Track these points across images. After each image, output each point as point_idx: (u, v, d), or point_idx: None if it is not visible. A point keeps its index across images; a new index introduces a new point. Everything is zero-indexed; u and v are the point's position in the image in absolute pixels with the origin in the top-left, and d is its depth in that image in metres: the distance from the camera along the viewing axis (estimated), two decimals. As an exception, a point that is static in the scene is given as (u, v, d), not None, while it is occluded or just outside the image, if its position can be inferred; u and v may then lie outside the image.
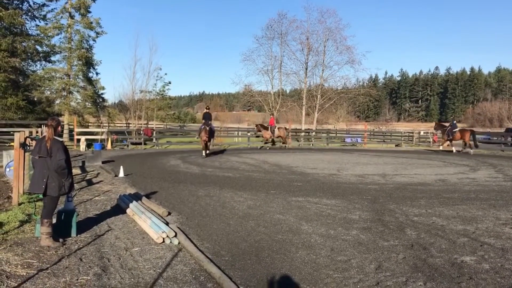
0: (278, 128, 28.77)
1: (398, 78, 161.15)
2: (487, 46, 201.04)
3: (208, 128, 19.70)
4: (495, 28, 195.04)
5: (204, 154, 20.14)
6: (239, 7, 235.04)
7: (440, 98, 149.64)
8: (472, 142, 25.95)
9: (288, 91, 52.91)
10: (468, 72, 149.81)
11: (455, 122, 28.10)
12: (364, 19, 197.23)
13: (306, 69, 40.14)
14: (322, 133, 38.78)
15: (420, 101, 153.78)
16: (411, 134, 44.01)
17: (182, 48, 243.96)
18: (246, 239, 6.11)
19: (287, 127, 32.45)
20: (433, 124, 35.16)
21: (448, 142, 27.43)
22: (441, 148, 28.80)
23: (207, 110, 21.23)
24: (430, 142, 37.69)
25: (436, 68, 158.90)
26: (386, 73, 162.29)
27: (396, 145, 36.04)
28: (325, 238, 6.19)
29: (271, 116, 30.96)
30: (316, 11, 43.88)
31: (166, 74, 60.26)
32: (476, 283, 4.42)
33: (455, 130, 26.79)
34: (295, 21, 39.91)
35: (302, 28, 39.99)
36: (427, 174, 14.34)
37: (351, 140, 38.76)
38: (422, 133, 48.19)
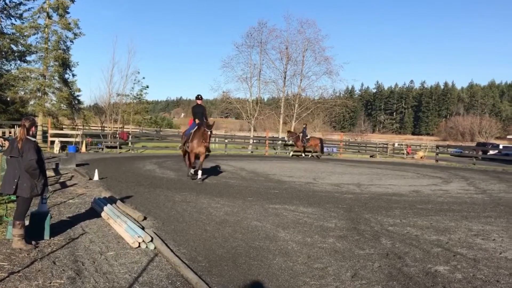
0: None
1: (374, 90, 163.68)
2: (460, 62, 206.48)
3: (208, 132, 12.76)
4: (468, 45, 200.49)
5: (192, 172, 13.76)
6: (219, 13, 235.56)
7: (414, 111, 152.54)
8: (319, 149, 29.75)
9: (266, 99, 53.08)
10: (442, 87, 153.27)
11: (305, 130, 30.40)
12: (342, 30, 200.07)
13: (285, 78, 40.38)
14: (299, 142, 38.92)
15: (394, 113, 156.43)
16: (385, 145, 44.73)
17: (161, 52, 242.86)
18: (223, 245, 6.08)
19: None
20: (408, 136, 36.04)
21: (302, 148, 30.17)
22: (291, 154, 31.63)
23: (200, 102, 14.11)
24: (404, 154, 38.31)
25: (411, 81, 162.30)
26: (362, 85, 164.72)
27: (371, 156, 36.50)
28: (302, 245, 6.21)
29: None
30: (296, 21, 44.14)
31: (144, 78, 59.84)
32: (449, 292, 4.51)
33: (308, 137, 29.63)
34: (275, 30, 40.12)
35: (282, 37, 40.25)
36: (401, 185, 14.56)
37: (327, 149, 39.08)
38: (396, 145, 49.03)
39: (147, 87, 45.31)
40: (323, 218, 8.22)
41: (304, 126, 31.95)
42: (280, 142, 35.78)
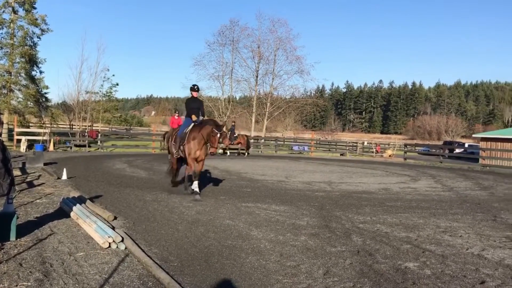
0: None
1: (344, 90, 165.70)
2: (428, 62, 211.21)
3: (218, 134, 9.64)
4: (435, 46, 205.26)
5: (192, 187, 10.18)
6: (191, 10, 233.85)
7: (383, 110, 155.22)
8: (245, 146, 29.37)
9: (238, 98, 53.07)
10: (410, 87, 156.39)
11: (234, 128, 30.48)
12: (313, 30, 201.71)
13: (257, 77, 40.55)
14: (271, 140, 39.16)
15: (364, 112, 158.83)
16: (355, 144, 45.38)
17: (131, 49, 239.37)
18: (196, 245, 6.04)
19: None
20: (376, 135, 36.60)
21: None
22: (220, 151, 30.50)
23: (196, 95, 11.03)
24: (373, 152, 38.93)
25: (380, 81, 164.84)
26: (332, 84, 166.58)
27: (341, 154, 36.97)
28: (274, 243, 6.23)
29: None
30: (267, 20, 44.54)
31: (113, 75, 58.84)
32: None
33: (235, 135, 29.39)
34: (246, 29, 40.29)
35: (254, 36, 40.44)
36: (371, 183, 14.80)
37: (299, 148, 39.38)
38: (365, 143, 49.80)
39: (117, 84, 44.77)
40: (295, 216, 8.27)
41: (232, 124, 31.61)
42: (252, 141, 35.81)
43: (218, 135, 9.62)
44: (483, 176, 19.48)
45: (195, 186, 10.01)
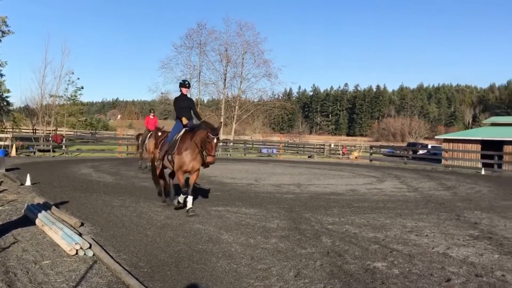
0: None
1: (311, 93, 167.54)
2: (391, 66, 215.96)
3: (215, 140, 8.19)
4: (399, 50, 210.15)
5: (178, 199, 9.09)
6: (157, 13, 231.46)
7: (349, 113, 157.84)
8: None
9: (206, 101, 52.88)
10: (374, 90, 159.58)
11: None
12: (280, 34, 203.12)
13: (225, 80, 40.52)
14: (240, 143, 39.17)
15: (330, 115, 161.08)
16: (322, 146, 45.90)
17: (96, 52, 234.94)
18: (165, 250, 5.97)
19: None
20: (343, 137, 37.09)
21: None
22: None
23: (186, 92, 9.48)
24: (340, 154, 39.49)
25: (346, 84, 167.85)
26: (299, 87, 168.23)
27: (309, 157, 37.31)
28: (245, 247, 6.22)
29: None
30: (235, 24, 44.52)
31: (78, 78, 57.46)
32: (388, 287, 4.69)
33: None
34: (214, 32, 40.20)
35: (221, 39, 40.40)
36: (338, 184, 15.00)
37: (267, 151, 39.54)
38: (332, 145, 50.46)
39: (82, 88, 43.80)
40: (266, 219, 8.29)
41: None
42: (221, 144, 35.71)
43: (215, 140, 8.17)
44: (446, 177, 20.04)
45: (188, 201, 8.47)
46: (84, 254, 5.52)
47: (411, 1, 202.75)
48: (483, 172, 23.48)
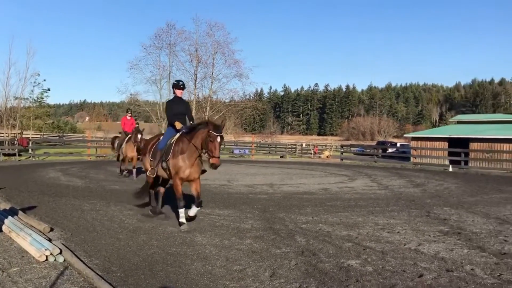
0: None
1: (282, 93, 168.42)
2: (360, 66, 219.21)
3: (218, 138, 7.17)
4: (367, 51, 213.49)
5: (183, 218, 7.60)
6: (125, 13, 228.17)
7: (319, 112, 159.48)
8: None
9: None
10: (344, 89, 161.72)
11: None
12: (251, 34, 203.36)
13: (195, 80, 40.19)
14: (211, 144, 38.92)
15: (301, 115, 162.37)
16: (294, 146, 46.19)
17: (63, 53, 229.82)
18: (138, 254, 5.87)
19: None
20: (314, 136, 37.37)
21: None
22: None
23: (181, 94, 8.36)
24: (311, 153, 39.81)
25: (316, 84, 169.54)
26: (270, 88, 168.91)
27: (281, 157, 37.47)
28: (220, 248, 6.18)
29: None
30: (204, 24, 44.04)
31: (45, 80, 56.03)
32: (362, 285, 4.73)
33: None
34: (183, 32, 39.76)
35: (191, 39, 40.01)
36: (311, 184, 15.10)
37: (239, 151, 39.50)
38: (304, 145, 50.84)
39: (49, 89, 42.63)
40: (239, 220, 8.27)
41: (137, 125, 26.11)
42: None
43: (219, 138, 7.09)
44: (415, 174, 20.44)
45: (192, 212, 7.71)
46: (55, 260, 5.37)
47: (378, 3, 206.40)
48: (450, 169, 24.09)
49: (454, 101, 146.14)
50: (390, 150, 43.12)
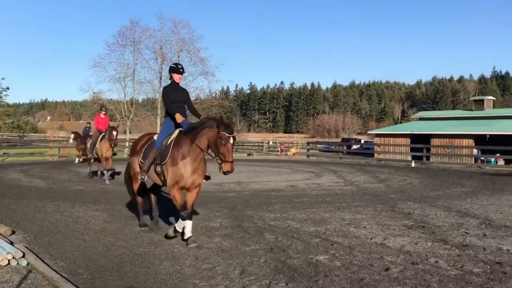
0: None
1: (248, 91, 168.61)
2: (325, 64, 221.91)
3: (231, 139, 5.98)
4: (331, 49, 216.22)
5: (174, 229, 6.60)
6: (87, 10, 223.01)
7: (285, 110, 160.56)
8: None
9: (141, 100, 51.63)
10: (309, 87, 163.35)
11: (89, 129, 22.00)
12: (217, 33, 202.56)
13: (161, 78, 39.72)
14: (177, 143, 38.66)
15: (267, 113, 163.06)
16: (261, 144, 46.35)
17: (23, 51, 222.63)
18: (105, 255, 5.76)
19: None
20: (280, 134, 37.58)
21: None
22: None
23: (179, 79, 7.31)
24: (278, 151, 40.04)
25: (282, 82, 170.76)
26: (236, 86, 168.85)
27: (248, 154, 37.54)
28: (189, 247, 6.14)
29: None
30: (169, 21, 43.44)
31: (3, 79, 54.17)
32: (331, 279, 4.80)
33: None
34: (148, 30, 39.24)
35: (156, 37, 39.53)
36: (278, 181, 15.20)
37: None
38: (271, 143, 51.08)
39: (8, 88, 41.41)
40: (208, 218, 8.24)
41: (87, 124, 23.38)
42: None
43: (231, 140, 5.96)
44: (379, 170, 20.87)
45: (187, 228, 6.32)
46: (17, 263, 5.20)
47: (341, 2, 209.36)
48: (413, 164, 24.71)
49: (415, 98, 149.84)
50: (354, 146, 43.91)
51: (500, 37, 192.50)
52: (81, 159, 21.57)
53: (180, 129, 6.68)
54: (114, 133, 14.22)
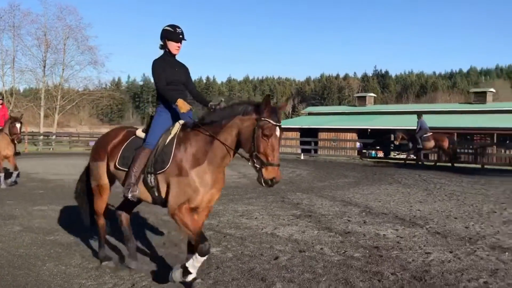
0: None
1: (141, 83, 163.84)
2: (219, 58, 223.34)
3: (278, 129, 4.07)
4: (227, 42, 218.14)
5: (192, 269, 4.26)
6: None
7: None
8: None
9: (22, 90, 47.77)
10: (204, 81, 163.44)
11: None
12: (107, 22, 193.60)
13: (44, 67, 37.11)
14: (64, 136, 36.46)
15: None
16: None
17: None
18: (-21, 258, 5.28)
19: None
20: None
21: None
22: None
23: (178, 49, 5.06)
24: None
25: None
26: (128, 77, 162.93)
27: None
28: (74, 246, 5.86)
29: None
30: (54, 7, 40.63)
31: None
32: (223, 271, 4.89)
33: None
34: (30, 14, 36.47)
35: (39, 22, 36.86)
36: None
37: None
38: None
39: None
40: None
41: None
42: (42, 137, 32.73)
43: (278, 131, 4.09)
44: (271, 163, 21.50)
45: (195, 264, 4.26)
46: None
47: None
48: (302, 157, 25.92)
49: (305, 94, 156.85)
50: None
51: (381, 37, 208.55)
52: None
53: (180, 121, 4.69)
54: (18, 125, 11.26)
